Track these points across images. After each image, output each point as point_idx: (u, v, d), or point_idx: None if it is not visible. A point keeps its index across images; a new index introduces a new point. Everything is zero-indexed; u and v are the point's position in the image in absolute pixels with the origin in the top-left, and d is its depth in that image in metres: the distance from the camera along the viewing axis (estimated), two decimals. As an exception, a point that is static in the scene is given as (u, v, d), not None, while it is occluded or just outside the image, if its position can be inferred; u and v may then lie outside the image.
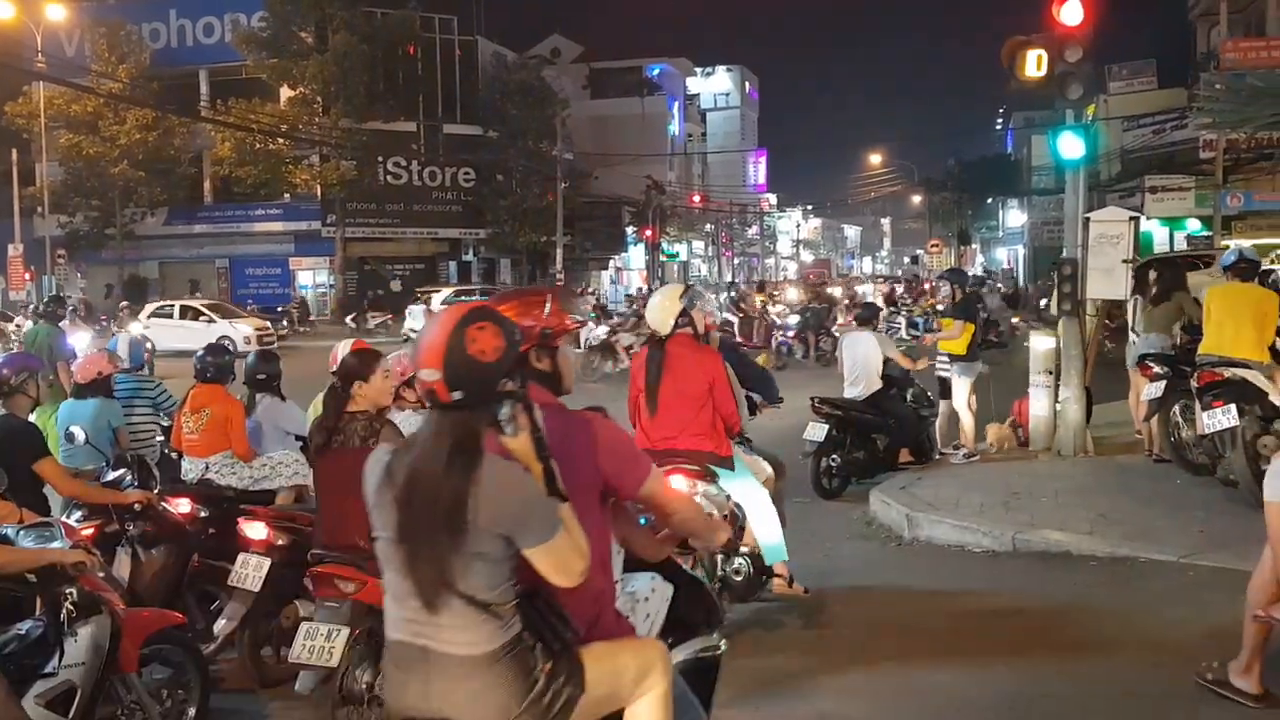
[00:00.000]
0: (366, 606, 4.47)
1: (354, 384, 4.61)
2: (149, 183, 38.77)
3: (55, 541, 4.14)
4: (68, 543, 4.18)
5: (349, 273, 40.59)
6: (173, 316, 30.07)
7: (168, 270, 42.69)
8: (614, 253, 56.57)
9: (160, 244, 42.09)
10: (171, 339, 27.21)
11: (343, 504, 4.59)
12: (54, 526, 4.28)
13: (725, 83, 78.77)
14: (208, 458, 6.22)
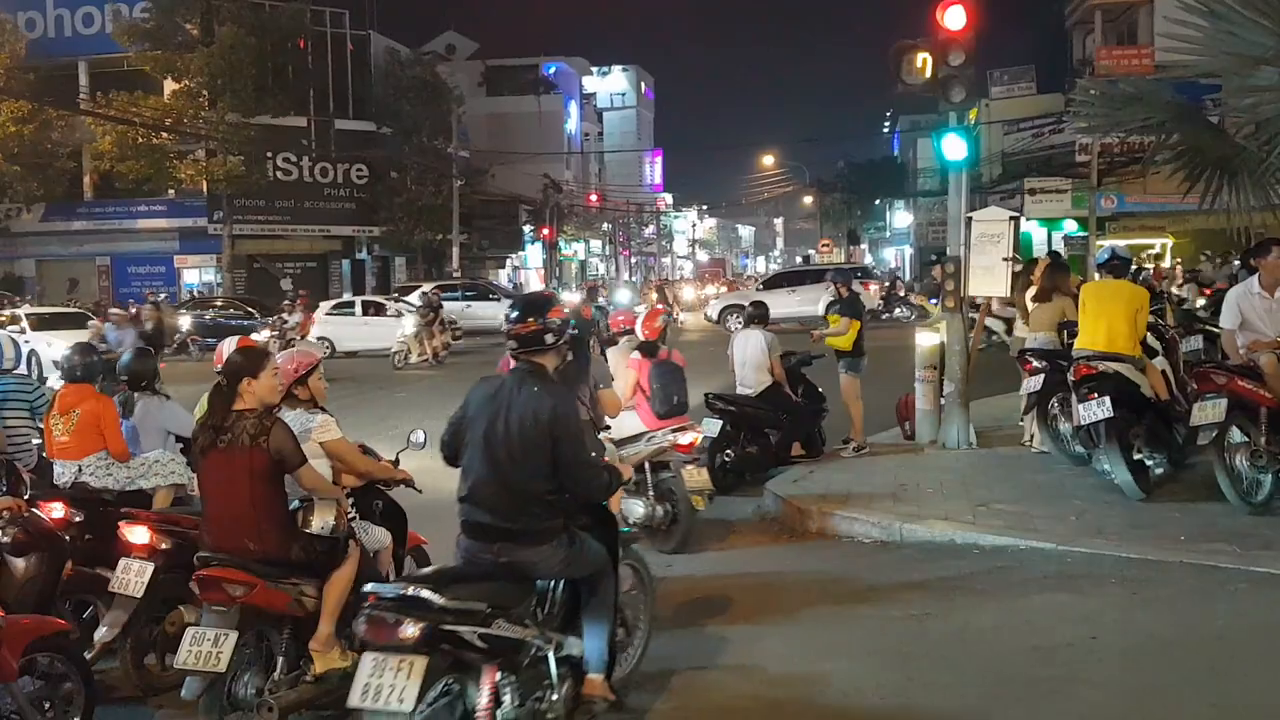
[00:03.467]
0: (255, 609, 4.35)
1: (242, 381, 4.47)
2: (25, 177, 36.89)
3: None
4: None
5: (237, 271, 39.39)
6: (354, 312, 27.51)
7: (45, 269, 40.79)
8: (511, 251, 56.16)
9: (37, 241, 40.16)
10: (354, 337, 25.65)
11: (231, 505, 4.46)
12: None
13: (621, 82, 78.99)
14: (81, 460, 5.97)
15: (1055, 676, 4.99)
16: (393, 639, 3.63)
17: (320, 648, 4.55)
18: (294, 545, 4.51)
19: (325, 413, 5.04)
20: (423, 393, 17.99)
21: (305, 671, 4.54)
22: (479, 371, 5.26)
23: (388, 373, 21.79)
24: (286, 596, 4.44)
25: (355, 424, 10.41)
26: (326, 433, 4.93)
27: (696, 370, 9.58)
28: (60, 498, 5.72)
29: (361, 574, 4.78)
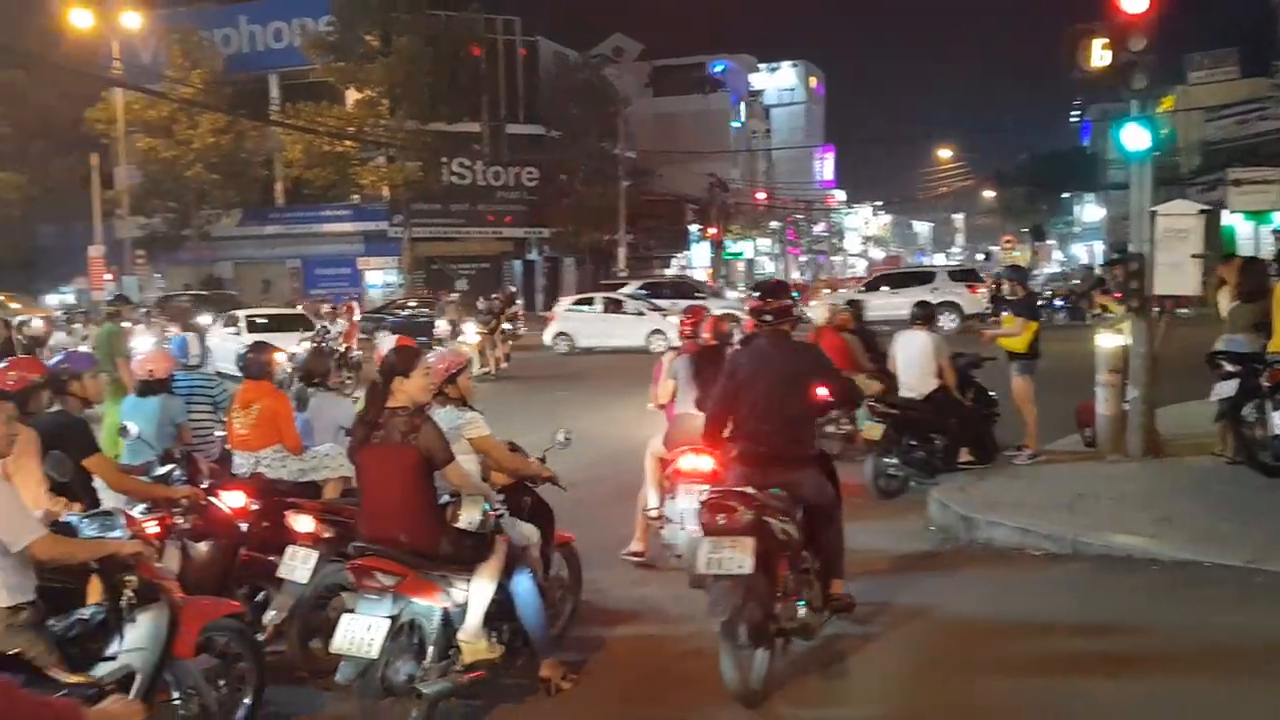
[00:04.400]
0: (406, 600, 4.53)
1: (395, 380, 4.67)
2: (223, 185, 39.64)
3: (116, 531, 4.25)
4: (128, 532, 4.29)
5: (416, 272, 41.11)
6: (594, 309, 26.84)
7: (242, 270, 43.65)
8: (677, 251, 56.52)
9: (234, 244, 43.04)
10: (592, 334, 25.49)
11: (383, 498, 4.66)
12: (114, 515, 4.39)
13: (790, 78, 78.23)
14: (258, 451, 6.36)
15: (1243, 705, 4.67)
16: (730, 522, 4.78)
17: (469, 639, 4.70)
18: (443, 539, 4.68)
19: (474, 410, 5.21)
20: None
21: (455, 661, 4.71)
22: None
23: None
24: (436, 587, 4.62)
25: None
26: (475, 430, 5.09)
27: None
28: (239, 487, 6.10)
29: (508, 569, 4.92)
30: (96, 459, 5.05)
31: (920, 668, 5.45)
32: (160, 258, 40.81)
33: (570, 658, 5.50)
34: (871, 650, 5.68)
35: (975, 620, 6.21)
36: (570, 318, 26.62)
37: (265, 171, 42.17)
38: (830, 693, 5.25)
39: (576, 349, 25.33)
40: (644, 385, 9.11)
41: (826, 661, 5.49)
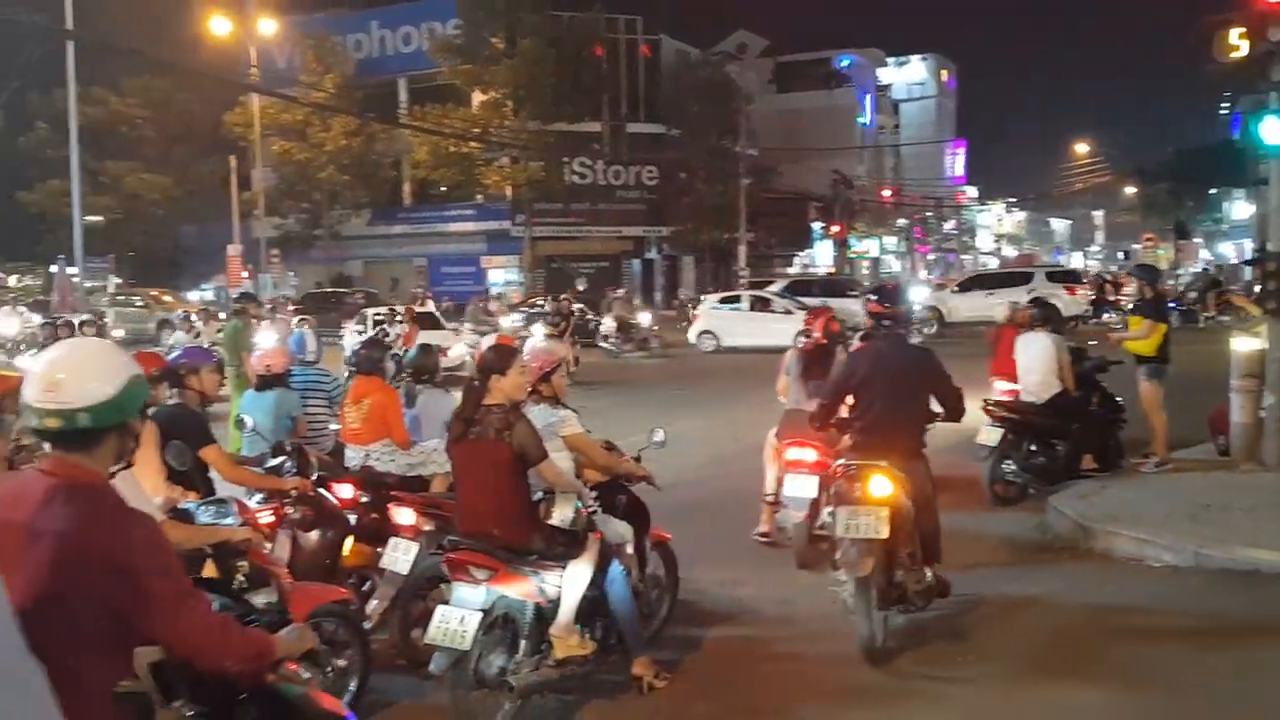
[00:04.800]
0: (498, 594, 4.65)
1: (491, 378, 4.79)
2: (353, 186, 41.11)
3: (228, 518, 4.48)
4: (240, 520, 4.52)
5: (537, 270, 41.80)
6: (741, 307, 26.50)
7: (371, 269, 45.10)
8: (800, 249, 56.00)
9: (364, 244, 44.53)
10: (739, 332, 24.91)
11: (478, 493, 4.80)
12: (227, 504, 4.63)
13: (920, 71, 76.60)
14: (368, 445, 6.60)
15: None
16: (865, 497, 5.41)
17: (560, 633, 4.80)
18: (535, 534, 4.79)
19: (567, 409, 5.31)
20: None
21: (547, 655, 4.81)
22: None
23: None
24: (528, 582, 4.72)
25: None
26: (569, 428, 5.19)
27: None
28: (349, 479, 6.34)
29: (601, 566, 5.00)
30: (211, 450, 5.31)
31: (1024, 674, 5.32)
32: (293, 256, 42.47)
33: (665, 656, 5.55)
34: (975, 635, 5.67)
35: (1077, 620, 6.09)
36: (715, 316, 26.36)
37: (394, 172, 43.51)
38: (942, 658, 5.47)
39: (722, 347, 25.08)
40: (762, 385, 9.26)
41: (936, 637, 5.75)
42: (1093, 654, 5.60)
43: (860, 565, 5.30)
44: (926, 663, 5.51)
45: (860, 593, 5.34)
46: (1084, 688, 5.14)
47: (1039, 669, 5.44)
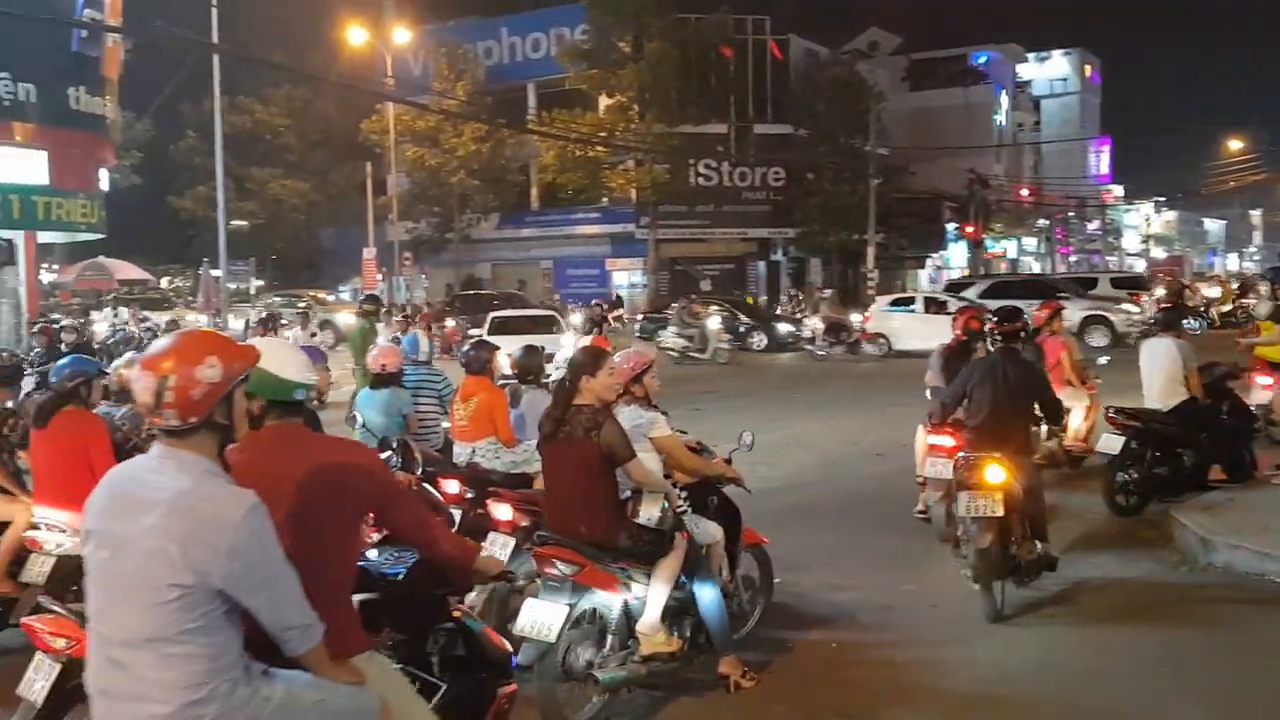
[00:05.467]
0: (585, 589, 4.83)
1: (581, 378, 4.97)
2: (483, 190, 42.22)
3: None
4: None
5: (661, 273, 42.13)
6: (914, 309, 25.86)
7: (499, 271, 46.21)
8: (932, 250, 54.87)
9: (492, 247, 45.66)
10: (913, 334, 23.74)
11: (566, 491, 4.98)
12: None
13: (1062, 67, 74.13)
14: (475, 442, 6.89)
15: None
16: (983, 482, 6.18)
17: (647, 631, 4.94)
18: (622, 533, 4.94)
19: (657, 410, 5.45)
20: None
21: (634, 651, 4.96)
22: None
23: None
24: (615, 579, 4.88)
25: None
26: (657, 430, 5.33)
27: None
28: (456, 475, 6.63)
29: (688, 565, 5.13)
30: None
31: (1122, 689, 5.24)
32: (425, 259, 43.87)
33: (755, 658, 5.64)
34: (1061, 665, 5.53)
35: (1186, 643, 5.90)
36: (887, 319, 25.62)
37: (522, 177, 44.49)
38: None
39: (892, 351, 24.39)
40: (894, 392, 9.45)
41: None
42: (1195, 672, 5.46)
43: (981, 539, 6.12)
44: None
45: (982, 562, 6.15)
46: (1185, 707, 5.02)
47: (1136, 687, 5.33)
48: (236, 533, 2.49)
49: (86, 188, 25.80)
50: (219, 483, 2.60)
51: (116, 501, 2.59)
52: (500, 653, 3.71)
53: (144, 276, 41.14)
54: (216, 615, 2.53)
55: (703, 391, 17.86)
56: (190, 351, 2.62)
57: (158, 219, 44.13)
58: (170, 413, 2.58)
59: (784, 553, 7.43)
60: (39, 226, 24.72)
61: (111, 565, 2.56)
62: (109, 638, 2.58)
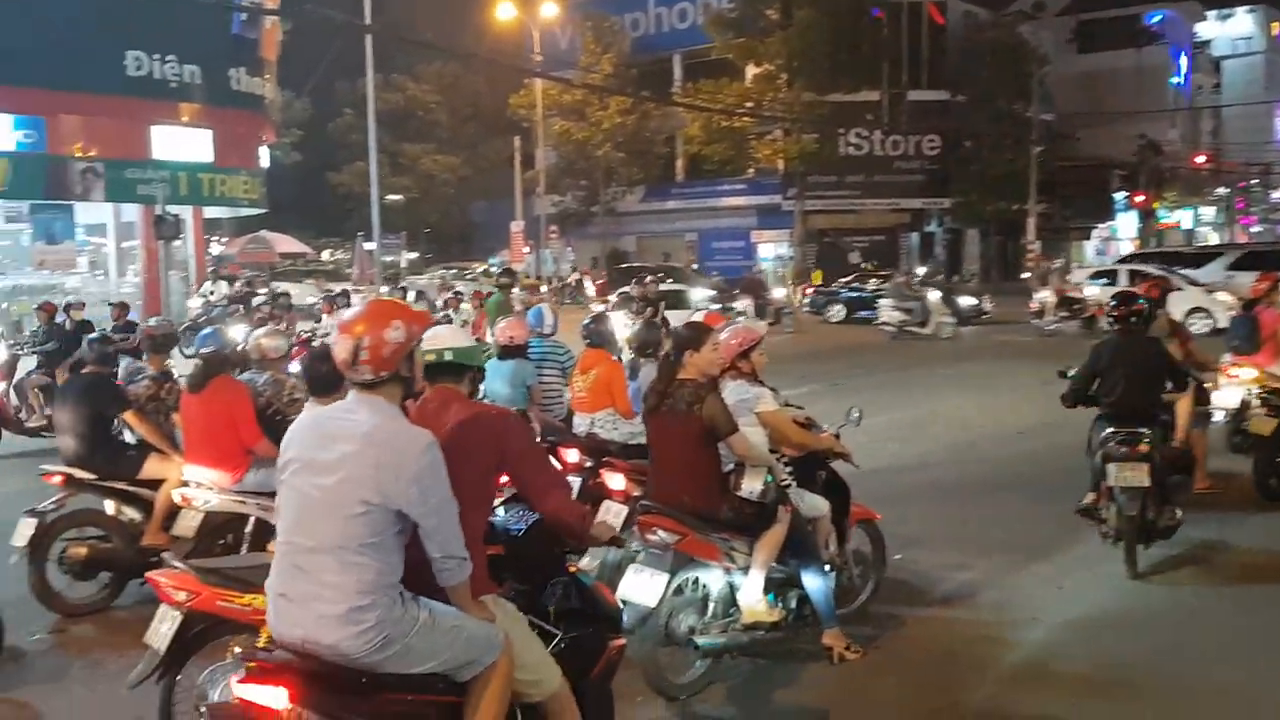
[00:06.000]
0: (687, 557, 5.01)
1: (685, 353, 5.12)
2: (628, 163, 42.69)
3: None
4: None
5: (808, 245, 41.79)
6: (1118, 282, 24.08)
7: (644, 244, 46.64)
8: (1099, 220, 52.63)
9: (637, 220, 46.12)
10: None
11: (669, 462, 5.16)
12: None
13: (1245, 25, 69.41)
14: (594, 414, 7.14)
15: None
16: (1133, 451, 6.66)
17: (748, 600, 5.08)
18: (724, 504, 5.08)
19: (764, 386, 5.55)
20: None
21: (735, 620, 5.12)
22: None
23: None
24: (716, 549, 5.04)
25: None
26: (763, 404, 5.43)
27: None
28: (576, 445, 6.90)
29: (793, 538, 5.24)
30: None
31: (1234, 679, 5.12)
32: (571, 232, 44.68)
33: (864, 632, 5.72)
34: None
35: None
36: (1091, 289, 24.75)
37: (667, 149, 44.72)
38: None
39: (1097, 328, 22.56)
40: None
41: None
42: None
43: (1129, 507, 6.60)
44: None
45: (1127, 529, 6.66)
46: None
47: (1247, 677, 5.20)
48: (417, 462, 2.98)
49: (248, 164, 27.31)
50: (404, 423, 3.12)
51: (317, 435, 3.10)
52: (612, 608, 4.00)
53: (303, 250, 43.19)
54: (390, 536, 3.00)
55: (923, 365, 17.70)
56: (379, 317, 3.12)
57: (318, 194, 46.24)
58: (365, 368, 3.06)
59: (907, 530, 7.51)
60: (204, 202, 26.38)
61: (310, 485, 3.04)
62: (298, 546, 3.04)
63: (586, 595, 3.85)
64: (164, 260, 22.71)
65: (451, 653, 3.12)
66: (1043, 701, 4.98)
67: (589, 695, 3.70)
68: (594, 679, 3.74)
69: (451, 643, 3.11)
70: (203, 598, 4.13)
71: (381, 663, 3.00)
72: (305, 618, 2.99)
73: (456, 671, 3.16)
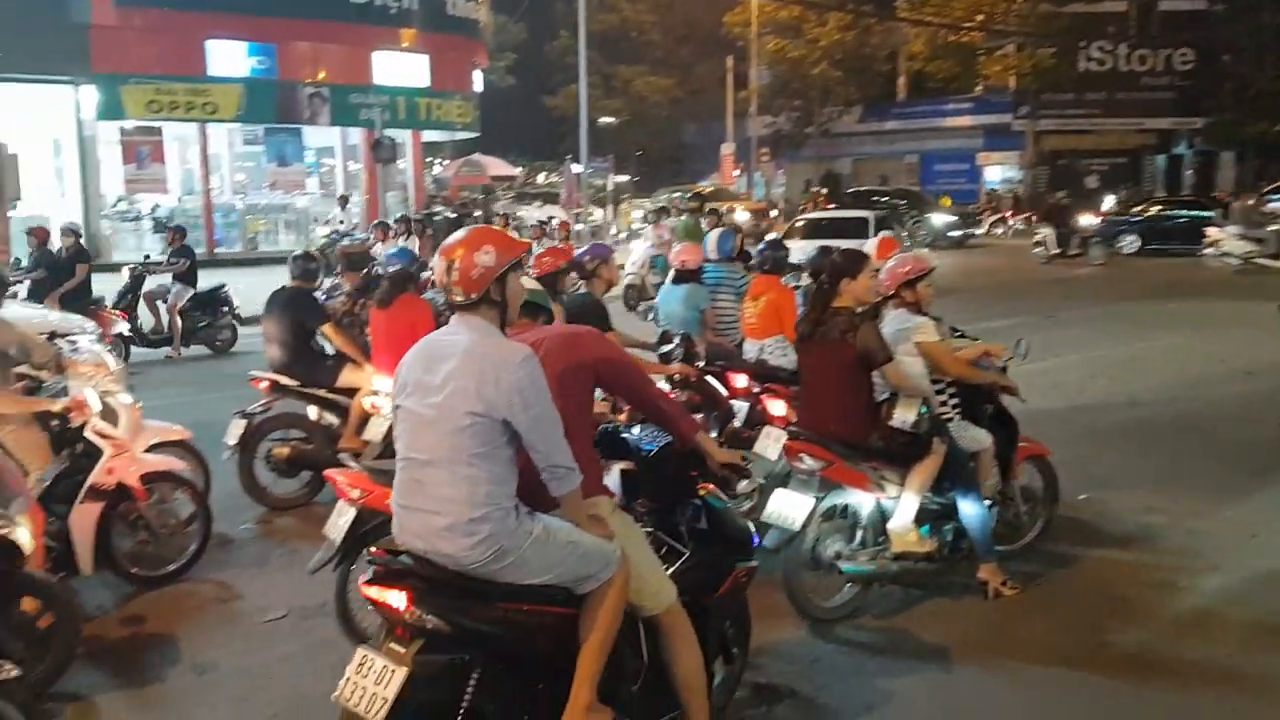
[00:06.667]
0: (834, 484, 5.12)
1: (841, 281, 5.17)
2: (845, 82, 41.65)
3: None
4: None
5: (1039, 168, 39.81)
6: None
7: (860, 166, 45.61)
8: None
9: (854, 141, 45.07)
10: None
11: (819, 389, 5.26)
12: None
13: None
14: (763, 340, 7.26)
15: None
16: None
17: (899, 530, 5.16)
18: (873, 433, 5.14)
19: (925, 316, 5.51)
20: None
21: (884, 549, 5.20)
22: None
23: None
24: (865, 478, 5.11)
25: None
26: (923, 334, 5.40)
27: None
28: (745, 370, 7.05)
29: (950, 470, 5.25)
30: (609, 337, 6.22)
31: None
32: (783, 155, 44.17)
33: (1027, 569, 5.71)
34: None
35: None
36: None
37: (888, 66, 43.34)
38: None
39: None
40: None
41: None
42: None
43: None
44: None
45: None
46: None
47: None
48: (515, 373, 3.15)
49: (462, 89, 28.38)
50: (501, 338, 3.30)
51: (424, 358, 3.32)
52: (741, 531, 4.11)
53: (513, 173, 44.53)
54: (499, 447, 3.19)
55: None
56: (473, 241, 3.30)
57: (532, 118, 47.44)
58: (457, 289, 3.27)
59: (1100, 470, 7.40)
60: (420, 126, 27.67)
61: (421, 405, 3.26)
62: (415, 461, 3.27)
63: (715, 517, 3.98)
64: (381, 182, 24.01)
65: (566, 566, 3.28)
66: (1199, 651, 4.85)
67: (712, 613, 3.87)
68: (718, 599, 3.90)
69: (566, 557, 3.28)
70: (374, 496, 4.58)
71: (498, 573, 3.19)
72: (425, 529, 3.21)
73: (575, 585, 3.33)
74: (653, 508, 4.02)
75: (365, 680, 3.09)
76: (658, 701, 3.66)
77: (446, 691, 3.18)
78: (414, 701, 3.10)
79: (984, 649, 4.90)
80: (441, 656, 3.18)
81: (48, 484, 5.40)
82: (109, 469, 5.46)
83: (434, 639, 3.16)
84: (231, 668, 4.80)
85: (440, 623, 3.15)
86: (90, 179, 23.42)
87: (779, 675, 4.61)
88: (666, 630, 3.61)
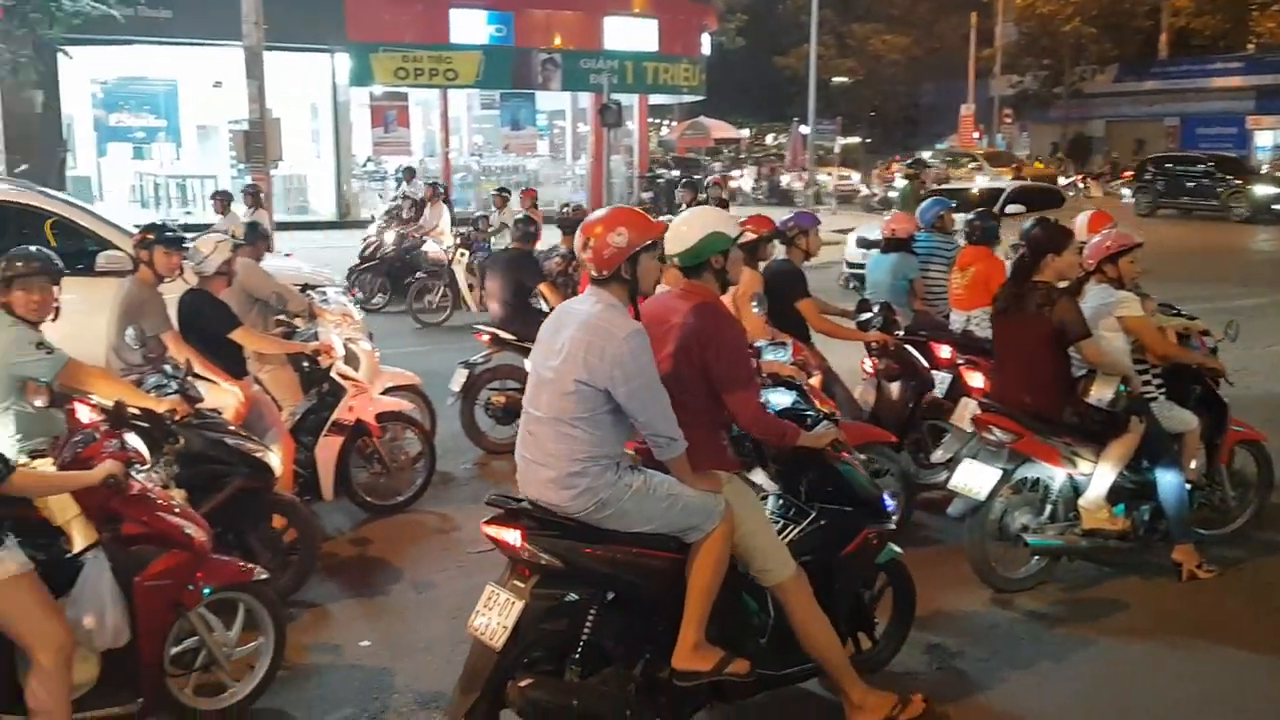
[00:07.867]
0: (1024, 457, 5.22)
1: (1045, 256, 5.22)
2: (1100, 39, 39.59)
3: (781, 355, 5.31)
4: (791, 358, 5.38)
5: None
6: None
7: (1113, 129, 43.37)
8: None
9: (1107, 102, 42.83)
10: None
11: (1013, 362, 5.36)
12: (785, 347, 5.51)
13: None
14: (969, 311, 7.31)
15: None
16: None
17: (1090, 506, 5.21)
18: (1066, 409, 5.19)
19: (1127, 291, 5.46)
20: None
21: (1074, 524, 5.27)
22: None
23: None
24: (1055, 452, 5.17)
25: None
26: (1126, 309, 5.37)
27: None
28: (949, 341, 7.11)
29: (1150, 450, 5.26)
30: (806, 302, 6.46)
31: None
32: (1027, 116, 42.45)
33: (1230, 554, 5.66)
34: None
35: None
36: None
37: (1149, 22, 40.88)
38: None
39: None
40: None
41: None
42: None
43: None
44: None
45: None
46: None
47: None
48: (619, 347, 3.38)
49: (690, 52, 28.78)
50: (618, 312, 3.51)
51: (555, 322, 3.63)
52: (870, 495, 4.23)
53: (736, 135, 44.55)
54: (601, 413, 3.45)
55: None
56: (610, 222, 3.53)
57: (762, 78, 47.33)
58: (590, 264, 3.54)
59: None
60: (646, 90, 28.31)
61: (544, 366, 3.54)
62: (531, 416, 3.59)
63: (841, 482, 4.14)
64: (607, 145, 24.76)
65: (667, 518, 3.55)
66: None
67: (837, 572, 4.05)
68: (842, 558, 4.08)
69: (667, 510, 3.54)
70: None
71: (602, 520, 3.49)
72: (535, 479, 3.54)
73: (682, 534, 3.59)
74: (779, 470, 4.24)
75: (491, 611, 3.48)
76: (788, 655, 3.90)
77: (566, 625, 3.53)
78: (535, 632, 3.48)
79: (1169, 629, 4.93)
80: (559, 591, 3.51)
81: (298, 418, 6.23)
82: (350, 407, 6.21)
83: (551, 576, 3.50)
84: (447, 589, 5.42)
85: (553, 559, 3.48)
86: (342, 141, 25.22)
87: (953, 637, 4.81)
88: (787, 599, 3.83)
